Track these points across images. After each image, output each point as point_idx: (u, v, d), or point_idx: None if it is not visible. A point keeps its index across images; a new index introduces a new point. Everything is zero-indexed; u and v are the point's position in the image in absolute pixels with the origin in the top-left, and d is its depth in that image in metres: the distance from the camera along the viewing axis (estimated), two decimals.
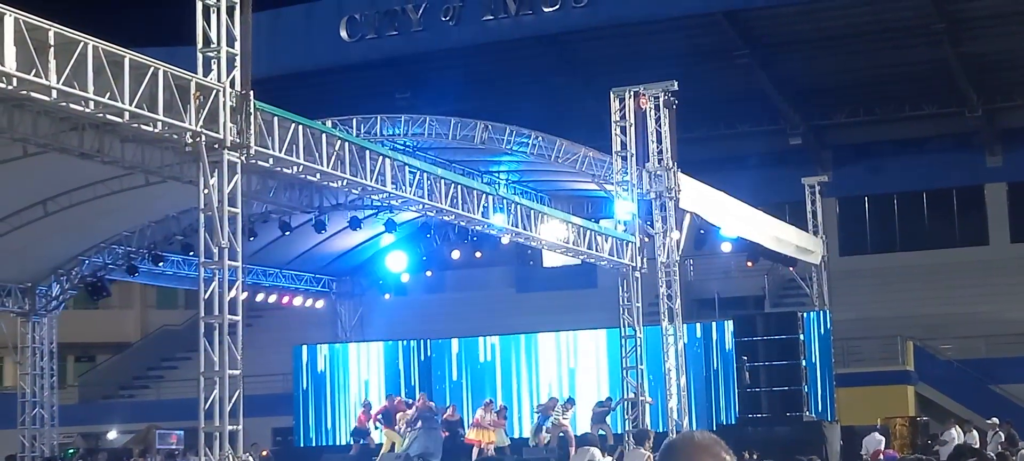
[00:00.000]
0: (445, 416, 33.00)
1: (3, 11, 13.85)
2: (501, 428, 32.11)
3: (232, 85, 17.18)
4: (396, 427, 31.81)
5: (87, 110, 15.50)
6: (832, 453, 31.17)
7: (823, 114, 46.72)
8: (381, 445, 32.78)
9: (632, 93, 27.91)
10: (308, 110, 22.20)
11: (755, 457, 27.92)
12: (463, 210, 23.68)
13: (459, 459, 31.53)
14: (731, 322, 33.75)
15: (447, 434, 32.18)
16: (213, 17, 16.99)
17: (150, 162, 20.10)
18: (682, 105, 28.40)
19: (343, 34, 45.49)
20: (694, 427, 28.97)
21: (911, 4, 40.63)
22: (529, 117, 35.19)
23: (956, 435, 30.28)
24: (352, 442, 34.43)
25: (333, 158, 19.89)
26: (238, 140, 17.30)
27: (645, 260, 28.27)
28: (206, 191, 17.18)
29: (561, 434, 31.34)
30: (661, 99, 27.92)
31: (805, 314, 33.61)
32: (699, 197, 29.05)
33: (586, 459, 22.41)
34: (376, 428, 33.76)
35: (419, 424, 31.18)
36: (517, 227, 25.57)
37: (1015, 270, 42.82)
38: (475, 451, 31.19)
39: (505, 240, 28.45)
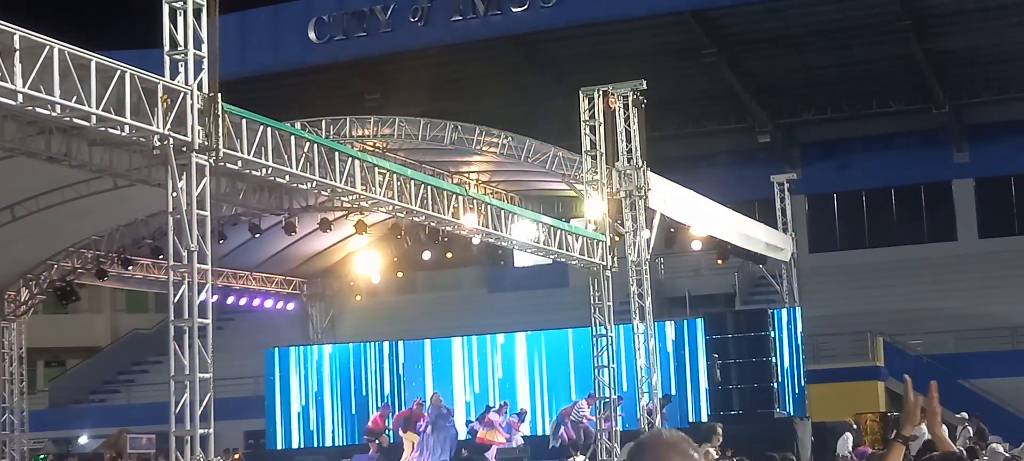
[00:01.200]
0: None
1: None
2: (517, 432, 32.38)
3: (200, 88, 17.13)
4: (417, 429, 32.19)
5: (54, 114, 15.43)
6: (803, 449, 31.27)
7: (791, 112, 46.91)
8: (395, 445, 32.96)
9: (601, 92, 27.93)
10: (277, 112, 22.16)
11: (730, 454, 27.95)
12: (433, 211, 23.67)
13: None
14: (702, 320, 33.84)
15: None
16: (180, 19, 16.94)
17: (118, 165, 20.05)
18: (651, 104, 28.47)
19: (311, 35, 45.39)
20: (665, 425, 29.03)
21: (877, 1, 40.84)
22: (498, 117, 35.20)
23: (926, 430, 30.38)
24: (367, 441, 34.37)
25: (302, 160, 19.86)
26: (206, 143, 17.25)
27: (616, 259, 28.33)
28: (174, 194, 17.13)
29: (583, 428, 31.54)
30: (630, 98, 27.98)
31: (775, 311, 33.70)
32: (669, 196, 29.13)
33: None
34: (388, 433, 33.86)
35: (429, 426, 31.52)
36: (488, 227, 25.58)
37: (983, 265, 43.11)
38: (493, 451, 31.52)
39: (476, 241, 28.47)
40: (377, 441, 33.80)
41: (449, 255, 36.42)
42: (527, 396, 35.10)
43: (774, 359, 31.91)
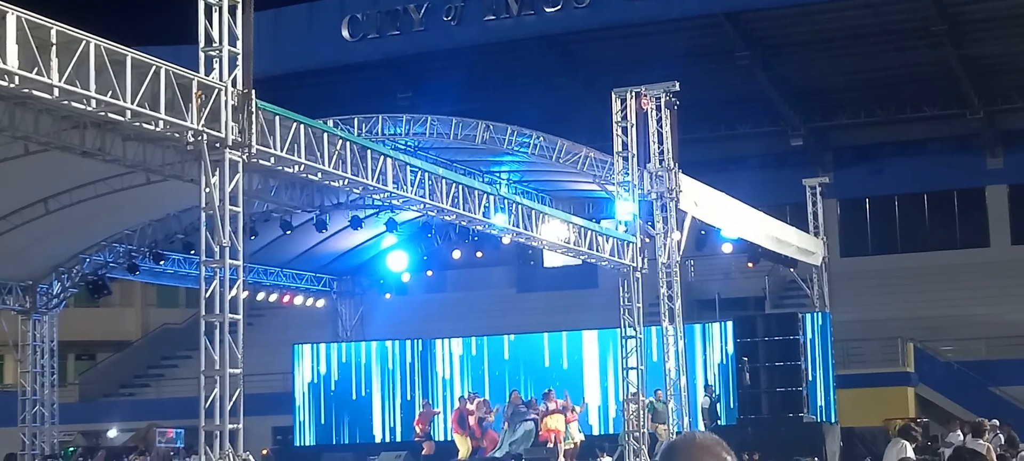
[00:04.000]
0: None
1: (5, 9, 13.84)
2: (573, 421, 31.92)
3: (234, 84, 17.18)
4: (468, 429, 31.94)
5: (89, 108, 15.49)
6: (830, 454, 31.15)
7: (824, 115, 46.72)
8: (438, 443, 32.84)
9: (633, 94, 27.90)
10: (310, 109, 22.21)
11: (756, 458, 27.92)
12: (464, 210, 23.67)
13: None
14: (731, 323, 33.75)
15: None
16: (215, 16, 16.99)
17: (151, 161, 20.10)
18: (683, 106, 28.41)
19: (345, 33, 45.47)
20: (694, 428, 28.95)
21: (911, 5, 40.60)
22: (530, 117, 35.21)
23: (962, 437, 30.17)
24: (423, 443, 34.32)
25: (335, 157, 19.88)
26: (240, 139, 17.29)
27: (646, 261, 28.27)
28: (207, 190, 17.18)
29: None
30: (662, 100, 27.93)
31: (805, 315, 33.60)
32: (700, 198, 29.06)
33: (896, 449, 21.52)
34: (429, 436, 33.81)
35: (506, 422, 31.46)
36: (518, 227, 25.55)
37: (1016, 272, 42.81)
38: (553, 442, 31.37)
39: (506, 240, 28.47)
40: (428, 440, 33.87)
41: (479, 254, 36.47)
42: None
43: (804, 363, 31.82)
